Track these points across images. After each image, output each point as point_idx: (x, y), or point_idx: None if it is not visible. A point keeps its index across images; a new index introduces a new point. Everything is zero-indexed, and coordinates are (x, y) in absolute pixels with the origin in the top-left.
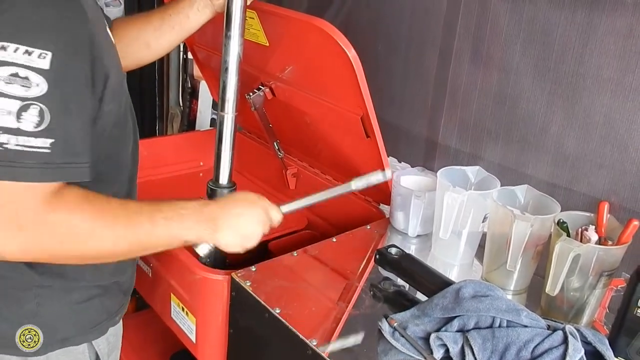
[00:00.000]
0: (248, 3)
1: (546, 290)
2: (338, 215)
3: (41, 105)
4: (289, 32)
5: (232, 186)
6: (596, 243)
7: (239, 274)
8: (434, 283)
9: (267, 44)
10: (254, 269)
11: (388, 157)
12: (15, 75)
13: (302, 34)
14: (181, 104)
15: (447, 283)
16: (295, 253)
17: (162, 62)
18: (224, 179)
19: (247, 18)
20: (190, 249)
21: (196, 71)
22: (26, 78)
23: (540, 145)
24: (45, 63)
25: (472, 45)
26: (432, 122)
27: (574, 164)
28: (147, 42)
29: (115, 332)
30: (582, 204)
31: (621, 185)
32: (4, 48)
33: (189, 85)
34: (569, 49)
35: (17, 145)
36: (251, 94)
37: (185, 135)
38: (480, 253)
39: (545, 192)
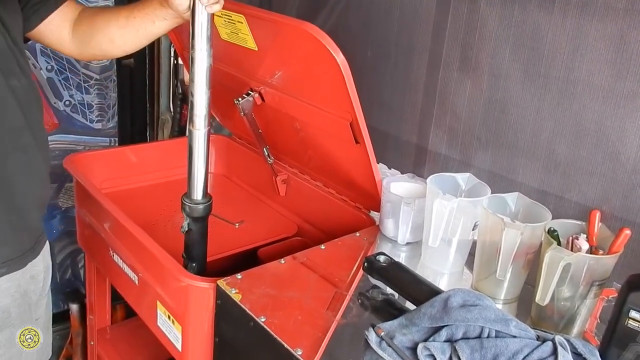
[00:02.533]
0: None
1: (536, 300)
2: (328, 222)
3: None
4: (278, 37)
5: (207, 201)
6: (587, 252)
7: (224, 282)
8: (423, 292)
9: (256, 49)
10: (239, 277)
11: (378, 163)
12: None
13: (291, 39)
14: (172, 110)
15: (436, 292)
16: (282, 260)
17: (153, 68)
18: (197, 194)
19: (235, 22)
20: (177, 256)
21: (187, 77)
22: None
23: (531, 152)
24: None
25: (461, 51)
26: (422, 129)
27: (565, 172)
28: (111, 38)
29: None
30: (573, 212)
31: (613, 194)
32: None
33: (180, 91)
34: (559, 54)
35: None
36: (240, 99)
37: (175, 141)
38: (470, 261)
39: (536, 200)
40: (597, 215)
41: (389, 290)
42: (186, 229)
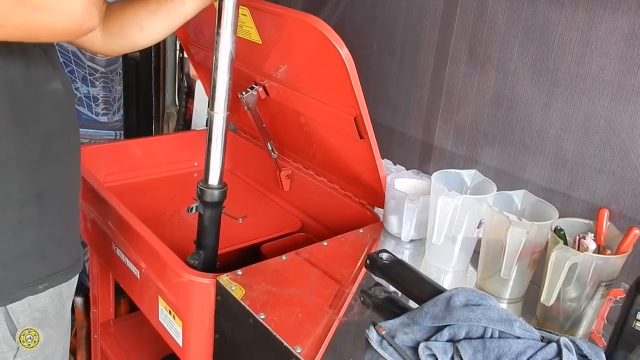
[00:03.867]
0: None
1: (541, 300)
2: (332, 218)
3: None
4: (282, 30)
5: (223, 187)
6: (594, 252)
7: (225, 277)
8: (425, 290)
9: (260, 42)
10: (240, 273)
11: (383, 159)
12: None
13: (295, 32)
14: (177, 104)
15: (439, 291)
16: (284, 256)
17: (159, 61)
18: (214, 179)
19: (239, 15)
20: (180, 251)
21: (192, 70)
22: None
23: (539, 149)
24: None
25: (469, 46)
26: (428, 124)
27: (572, 169)
28: (141, 25)
29: None
30: (581, 211)
31: (622, 192)
32: None
33: (185, 85)
34: (568, 49)
35: None
36: (244, 93)
37: (180, 134)
38: (475, 259)
39: (543, 198)
40: (606, 214)
41: (391, 288)
42: (193, 210)
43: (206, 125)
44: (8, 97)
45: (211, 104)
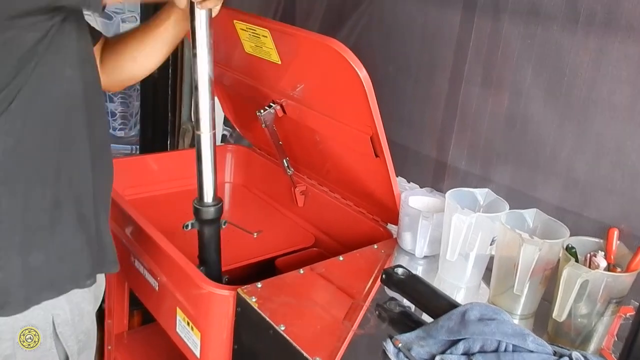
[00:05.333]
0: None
1: (553, 316)
2: (346, 234)
3: None
4: (302, 51)
5: (218, 203)
6: (605, 269)
7: (244, 290)
8: (440, 305)
9: (279, 62)
10: (259, 286)
11: (397, 177)
12: None
13: (314, 53)
14: (192, 120)
15: (453, 305)
16: (301, 270)
17: (175, 78)
18: (208, 197)
19: (260, 36)
20: (196, 262)
21: None
22: None
23: (551, 169)
24: None
25: (483, 69)
26: (442, 144)
27: (584, 189)
28: (133, 56)
29: None
30: (591, 230)
31: (632, 213)
32: None
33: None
34: (580, 73)
35: None
36: (262, 111)
37: (194, 150)
38: (487, 276)
39: (555, 217)
40: (615, 234)
41: (406, 302)
42: (189, 227)
43: (222, 142)
44: (85, 104)
45: (196, 125)
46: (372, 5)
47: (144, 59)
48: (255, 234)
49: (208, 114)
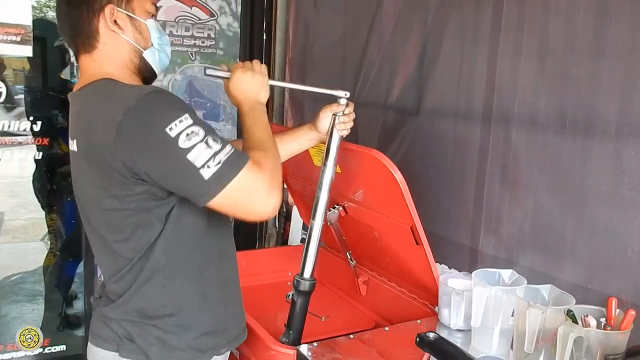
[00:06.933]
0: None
1: None
2: (400, 318)
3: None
4: (355, 161)
5: (313, 280)
6: (597, 328)
7: (304, 347)
8: (460, 358)
9: (339, 171)
10: (315, 345)
11: (440, 264)
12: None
13: (363, 162)
14: (277, 226)
15: (470, 358)
16: (351, 335)
17: None
18: (307, 273)
19: (324, 151)
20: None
21: (290, 198)
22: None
23: (560, 250)
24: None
25: (501, 169)
26: (473, 233)
27: (587, 266)
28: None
29: None
30: (599, 300)
31: (627, 283)
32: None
33: (284, 210)
34: (573, 168)
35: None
36: (328, 212)
37: (278, 249)
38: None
39: (567, 291)
40: (614, 302)
41: None
42: (290, 297)
43: (304, 231)
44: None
45: (313, 215)
46: (415, 123)
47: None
48: (323, 318)
49: (324, 208)
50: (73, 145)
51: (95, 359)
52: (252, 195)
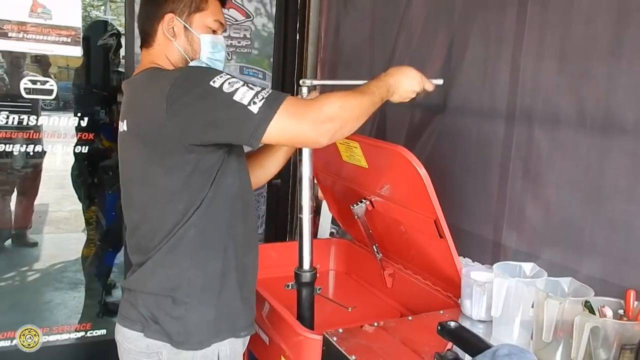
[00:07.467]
0: None
1: (572, 357)
2: (424, 309)
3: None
4: (381, 157)
5: (313, 270)
6: (612, 318)
7: (329, 332)
8: (479, 346)
9: (367, 167)
10: (340, 331)
11: (464, 257)
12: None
13: (389, 158)
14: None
15: (489, 346)
16: (375, 323)
17: (294, 186)
18: (306, 265)
19: (352, 147)
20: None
21: (320, 193)
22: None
23: (580, 244)
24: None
25: (523, 165)
26: (496, 228)
27: (606, 260)
28: (262, 164)
29: None
30: (617, 292)
31: None
32: None
33: (314, 204)
34: (592, 165)
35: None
36: (355, 205)
37: None
38: None
39: (587, 284)
40: (632, 294)
41: (460, 354)
42: (289, 287)
43: (333, 225)
44: (241, 201)
45: (300, 210)
46: (441, 122)
47: (270, 165)
48: (350, 308)
49: (308, 202)
50: (123, 126)
51: (122, 339)
52: (299, 122)
